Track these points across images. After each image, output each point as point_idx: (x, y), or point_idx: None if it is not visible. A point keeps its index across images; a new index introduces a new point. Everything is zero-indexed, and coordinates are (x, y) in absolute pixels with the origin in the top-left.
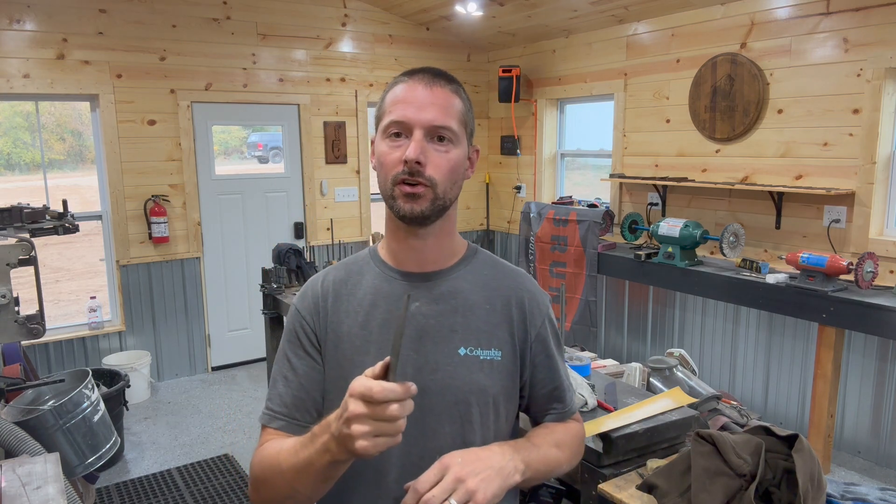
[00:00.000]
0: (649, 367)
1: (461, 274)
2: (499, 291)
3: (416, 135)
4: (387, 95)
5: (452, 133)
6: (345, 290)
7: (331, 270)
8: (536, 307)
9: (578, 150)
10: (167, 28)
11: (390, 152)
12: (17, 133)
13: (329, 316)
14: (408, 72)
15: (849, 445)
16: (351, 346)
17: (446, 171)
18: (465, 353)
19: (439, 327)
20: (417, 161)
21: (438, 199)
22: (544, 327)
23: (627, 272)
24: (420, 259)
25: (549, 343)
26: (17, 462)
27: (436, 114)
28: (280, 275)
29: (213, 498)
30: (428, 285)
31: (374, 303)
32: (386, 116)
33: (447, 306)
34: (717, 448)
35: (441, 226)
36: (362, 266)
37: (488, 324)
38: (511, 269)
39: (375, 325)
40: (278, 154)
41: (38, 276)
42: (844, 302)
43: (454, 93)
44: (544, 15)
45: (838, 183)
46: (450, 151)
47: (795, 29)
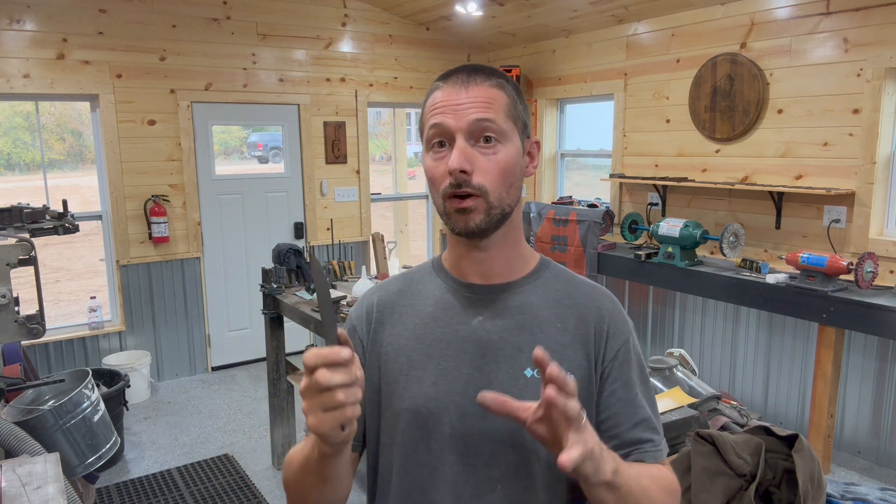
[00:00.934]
0: (649, 367)
1: (530, 288)
2: (573, 309)
3: (458, 141)
4: (425, 104)
5: (498, 129)
6: (403, 301)
7: (391, 281)
8: (616, 328)
9: (578, 150)
10: (167, 28)
11: (436, 165)
12: (17, 133)
13: (383, 327)
14: (443, 74)
15: (849, 445)
16: (407, 360)
17: (496, 174)
18: (533, 374)
19: (504, 345)
20: (462, 170)
21: (493, 209)
22: (625, 351)
23: (627, 272)
24: (485, 271)
25: (629, 369)
26: (17, 462)
27: (476, 112)
28: (280, 275)
29: (213, 498)
30: (493, 298)
31: (435, 315)
32: (426, 127)
33: (513, 322)
34: (717, 448)
35: (504, 234)
36: (424, 276)
37: (559, 343)
38: (588, 285)
39: (435, 339)
40: (278, 154)
41: (38, 276)
42: (844, 302)
43: (496, 87)
44: (544, 15)
45: (838, 183)
46: (498, 152)
47: (795, 29)
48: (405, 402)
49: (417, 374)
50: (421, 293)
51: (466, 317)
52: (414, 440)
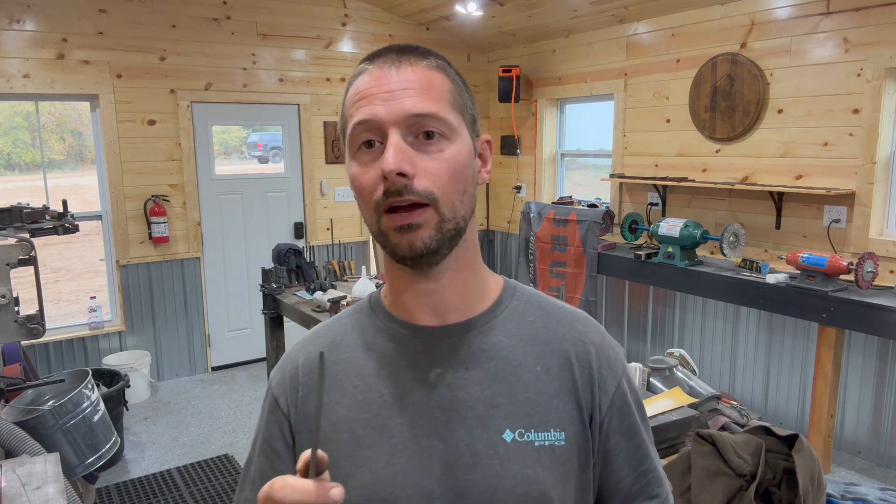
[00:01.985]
0: (649, 367)
1: (498, 323)
2: (553, 345)
3: (392, 136)
4: (347, 94)
5: (442, 123)
6: (337, 358)
7: (319, 332)
8: (608, 364)
9: (578, 150)
10: (167, 28)
11: (364, 171)
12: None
13: (314, 396)
14: (369, 56)
15: (849, 445)
16: (350, 436)
17: (446, 177)
18: (514, 437)
19: (473, 403)
20: (400, 172)
21: (446, 222)
22: (621, 393)
23: (627, 272)
24: (437, 306)
25: (629, 414)
26: (17, 462)
27: (413, 100)
28: (280, 275)
29: (213, 498)
30: (452, 343)
31: (379, 373)
32: (349, 123)
33: (482, 372)
34: (717, 448)
35: (459, 257)
36: (362, 321)
37: (543, 393)
38: (567, 313)
39: (382, 404)
40: (278, 154)
41: (38, 276)
42: (844, 302)
43: (436, 69)
44: (544, 15)
45: (838, 183)
46: (444, 150)
47: (795, 29)
48: (352, 493)
49: (365, 453)
50: (359, 345)
51: (420, 370)
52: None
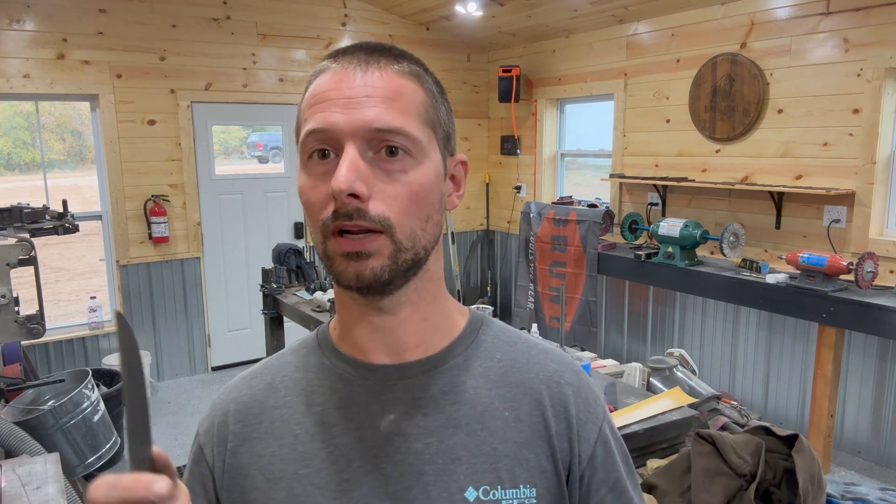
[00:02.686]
0: (649, 367)
1: (461, 361)
2: (523, 386)
3: (348, 151)
4: (305, 95)
5: (408, 139)
6: (275, 402)
7: (256, 372)
8: (587, 410)
9: (578, 150)
10: (167, 28)
11: (314, 185)
12: (17, 133)
13: (247, 447)
14: (333, 52)
15: (849, 445)
16: (288, 493)
17: (405, 202)
18: (478, 496)
19: (431, 455)
20: (352, 192)
21: (403, 252)
22: (604, 441)
23: (627, 272)
24: (392, 343)
25: (612, 465)
26: (17, 462)
27: (377, 110)
28: (280, 275)
29: None
30: (408, 385)
31: (324, 420)
32: (303, 128)
33: (442, 418)
34: (717, 448)
35: (420, 289)
36: (306, 359)
37: (511, 443)
38: (540, 349)
39: (327, 455)
40: (278, 154)
41: (38, 276)
42: (844, 302)
43: (408, 76)
44: (544, 15)
45: (838, 183)
46: (408, 171)
47: (795, 29)
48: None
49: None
50: (301, 387)
51: (372, 417)
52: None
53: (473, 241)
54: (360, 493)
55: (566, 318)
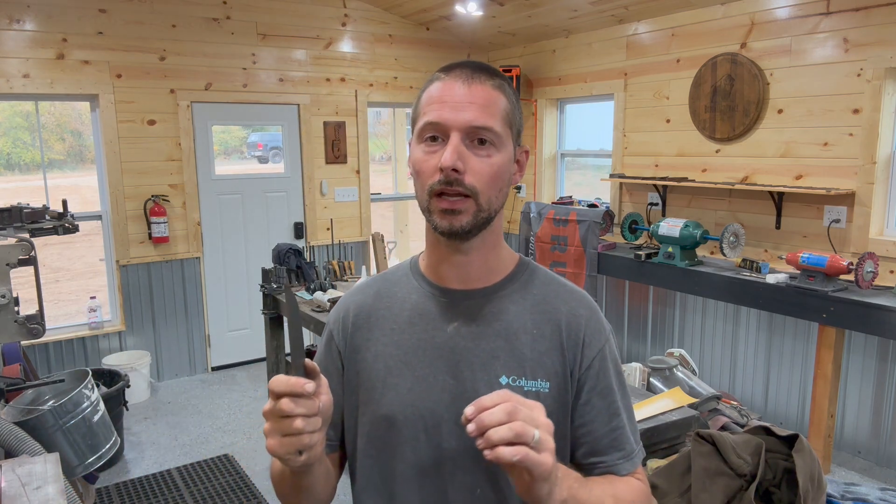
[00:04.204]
0: (649, 367)
1: (507, 292)
2: (549, 314)
3: (453, 138)
4: (422, 95)
5: (494, 135)
6: (380, 305)
7: (368, 283)
8: (593, 334)
9: (578, 150)
10: (167, 28)
11: (426, 159)
12: (17, 133)
13: (361, 333)
14: (445, 67)
15: (849, 445)
16: (385, 367)
17: (488, 177)
18: (508, 382)
19: (479, 352)
20: (454, 168)
21: (482, 211)
22: (601, 359)
23: (627, 272)
24: (463, 275)
25: (606, 376)
26: (17, 462)
27: (475, 114)
28: (280, 275)
29: (213, 498)
30: (469, 304)
31: (412, 321)
32: (421, 118)
33: (489, 329)
34: (717, 448)
35: (485, 238)
36: (401, 279)
37: (535, 350)
38: (567, 290)
39: (412, 346)
40: (278, 154)
41: (38, 276)
42: (844, 302)
43: (497, 88)
44: (544, 15)
45: (838, 183)
46: (492, 156)
47: (795, 29)
48: (382, 409)
49: (394, 381)
50: (398, 297)
51: (442, 323)
52: (389, 446)
53: None
54: (430, 371)
55: None
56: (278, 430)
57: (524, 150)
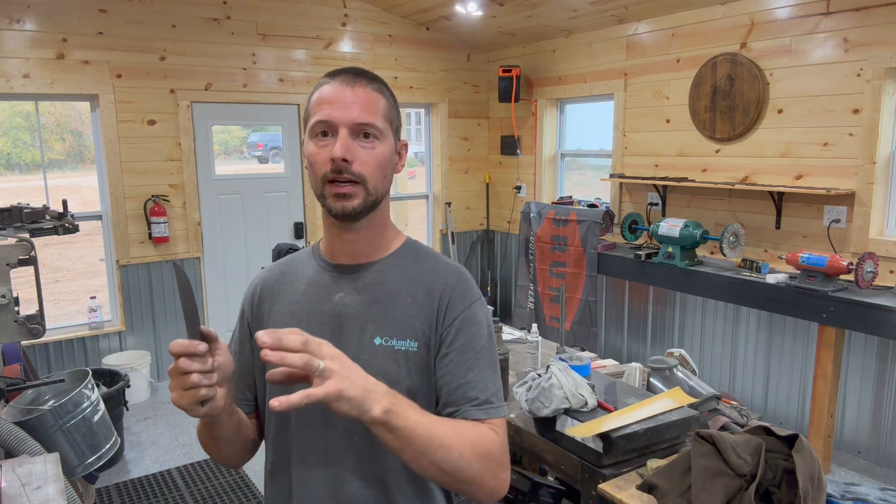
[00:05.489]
0: (649, 367)
1: (388, 267)
2: (426, 285)
3: (342, 133)
4: (312, 97)
5: (377, 129)
6: (283, 282)
7: (276, 264)
8: (457, 299)
9: (578, 150)
10: (167, 28)
11: (318, 152)
12: (17, 133)
13: (265, 305)
14: (331, 73)
15: (849, 445)
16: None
17: (374, 166)
18: (381, 342)
19: (358, 317)
20: (344, 158)
21: (370, 195)
22: (463, 319)
23: (627, 272)
24: (352, 251)
25: (464, 336)
26: (17, 462)
27: (359, 112)
28: None
29: (213, 498)
30: (354, 276)
31: (307, 293)
32: (312, 117)
33: (369, 297)
34: (717, 448)
35: (372, 219)
36: (303, 259)
37: (407, 315)
38: (444, 263)
39: (304, 313)
40: (278, 154)
41: (38, 276)
42: (844, 302)
43: (377, 91)
44: (544, 15)
45: (838, 183)
46: (376, 147)
47: (795, 29)
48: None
49: None
50: (298, 274)
51: (331, 293)
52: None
53: (473, 240)
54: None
55: (566, 318)
56: (178, 385)
57: (404, 144)
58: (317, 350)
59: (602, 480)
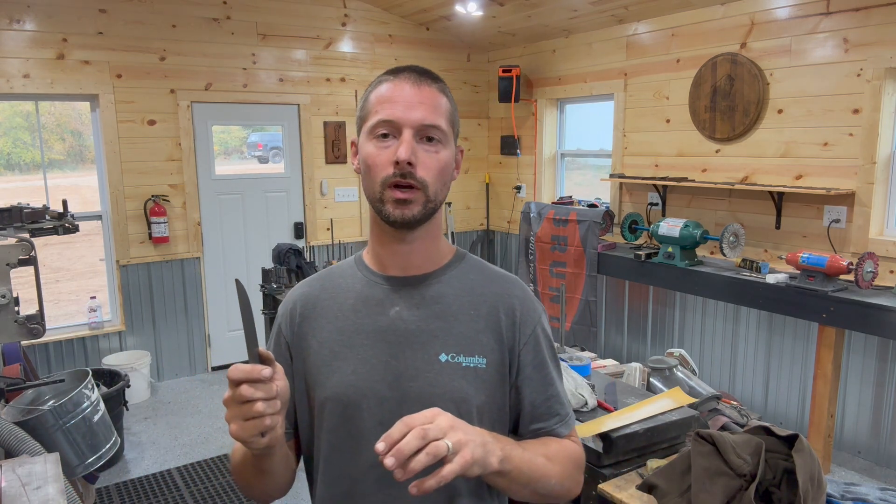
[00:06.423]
0: (649, 367)
1: (445, 278)
2: (485, 297)
3: (406, 134)
4: (370, 95)
5: (442, 133)
6: (325, 296)
7: (314, 278)
8: (527, 314)
9: (578, 150)
10: (167, 28)
11: (378, 153)
12: (17, 133)
13: (307, 323)
14: (392, 70)
15: (849, 445)
16: (329, 351)
17: (436, 172)
18: (447, 359)
19: (419, 333)
20: (409, 162)
21: (430, 202)
22: (536, 335)
23: (627, 272)
24: (405, 263)
25: (540, 351)
26: (17, 462)
27: (425, 113)
28: (280, 275)
29: (213, 498)
30: (410, 290)
31: (355, 308)
32: (372, 116)
33: (429, 311)
34: (717, 448)
35: (427, 229)
36: (346, 271)
37: (472, 330)
38: (500, 275)
39: (353, 330)
40: (278, 154)
41: (38, 276)
42: (844, 302)
43: (441, 92)
44: (544, 15)
45: (838, 183)
46: (439, 152)
47: (795, 29)
48: (327, 391)
49: (339, 364)
50: (342, 287)
51: (384, 308)
52: (337, 427)
53: (473, 240)
54: (372, 353)
55: (566, 318)
56: (239, 415)
57: (461, 150)
58: (436, 430)
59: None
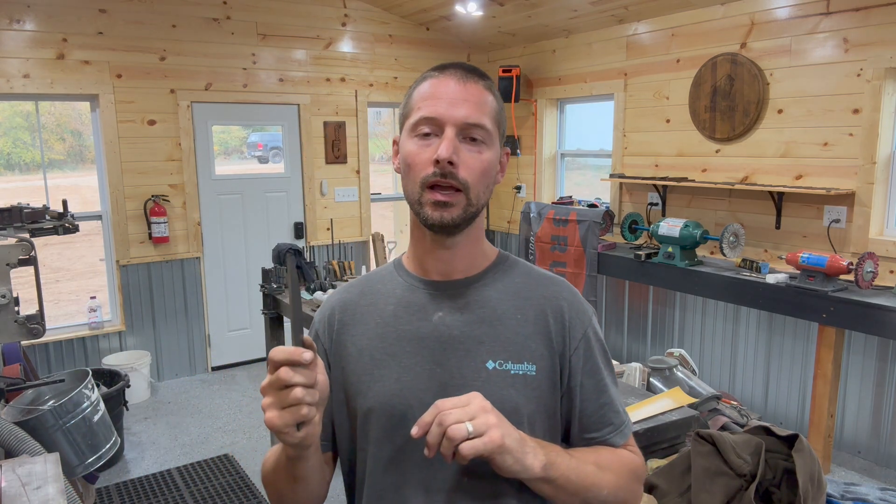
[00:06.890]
0: (649, 367)
1: (489, 282)
2: (532, 301)
3: (448, 132)
4: (414, 91)
5: (486, 133)
6: (365, 302)
7: (353, 284)
8: (577, 317)
9: (578, 150)
10: (167, 28)
11: (419, 152)
12: (17, 133)
13: (347, 330)
14: (438, 66)
15: (849, 445)
16: (371, 359)
17: (479, 173)
18: (494, 366)
19: (463, 339)
20: (450, 161)
21: (471, 206)
22: (587, 339)
23: (627, 272)
24: (447, 268)
25: (591, 356)
26: (17, 462)
27: (469, 111)
28: (280, 275)
29: (213, 498)
30: (453, 294)
31: (396, 314)
32: (414, 113)
33: (473, 316)
34: (717, 448)
35: (469, 233)
36: (385, 277)
37: (519, 335)
38: (547, 277)
39: (394, 336)
40: (278, 154)
41: (38, 276)
42: (844, 302)
43: (488, 89)
44: (544, 15)
45: (838, 183)
46: (483, 152)
47: (795, 29)
48: (370, 401)
49: (381, 372)
50: (382, 293)
51: (427, 313)
52: (381, 437)
53: None
54: (416, 360)
55: None
56: (277, 402)
57: (506, 152)
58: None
59: None
